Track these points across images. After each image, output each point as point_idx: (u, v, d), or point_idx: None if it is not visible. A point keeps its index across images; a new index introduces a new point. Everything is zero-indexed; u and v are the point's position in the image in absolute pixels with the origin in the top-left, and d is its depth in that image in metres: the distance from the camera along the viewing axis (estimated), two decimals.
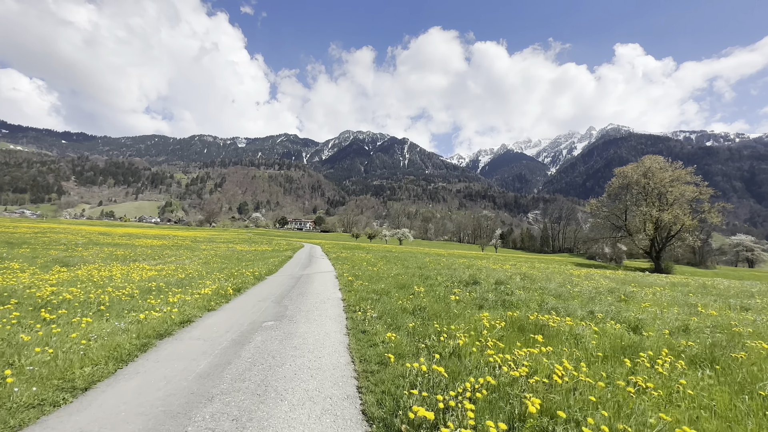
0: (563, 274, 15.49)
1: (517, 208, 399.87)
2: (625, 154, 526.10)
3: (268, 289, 9.72)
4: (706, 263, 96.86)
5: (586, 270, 22.52)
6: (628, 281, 13.91)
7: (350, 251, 32.93)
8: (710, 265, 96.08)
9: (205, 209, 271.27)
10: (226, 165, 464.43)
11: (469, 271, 13.50)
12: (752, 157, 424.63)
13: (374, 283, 10.56)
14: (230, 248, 32.55)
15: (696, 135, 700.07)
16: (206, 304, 7.10)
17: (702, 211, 50.87)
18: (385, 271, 13.74)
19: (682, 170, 52.81)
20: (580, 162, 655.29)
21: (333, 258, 23.13)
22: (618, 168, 59.17)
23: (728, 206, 50.35)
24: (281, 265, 17.54)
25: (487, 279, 10.34)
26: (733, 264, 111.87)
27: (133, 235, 45.23)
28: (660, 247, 53.25)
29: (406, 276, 11.77)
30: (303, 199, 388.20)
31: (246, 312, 6.82)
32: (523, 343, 4.47)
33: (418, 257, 25.11)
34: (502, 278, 10.52)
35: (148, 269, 13.94)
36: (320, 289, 10.03)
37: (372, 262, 18.91)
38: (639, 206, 54.02)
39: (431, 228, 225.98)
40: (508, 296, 7.89)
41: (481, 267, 17.68)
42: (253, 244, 44.38)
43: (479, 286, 9.55)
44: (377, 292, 9.07)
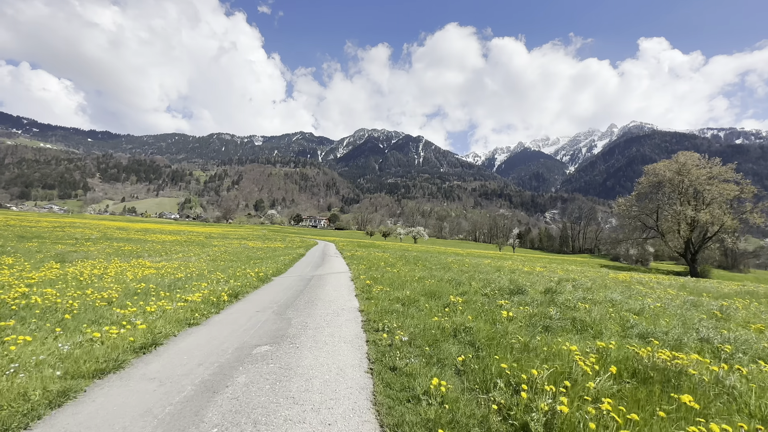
0: (612, 280, 13.47)
1: (534, 208, 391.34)
2: (649, 152, 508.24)
3: (271, 295, 8.18)
4: (739, 266, 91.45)
5: (626, 274, 20.27)
6: (694, 290, 11.82)
7: (365, 249, 31.39)
8: (743, 269, 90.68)
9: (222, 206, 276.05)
10: (243, 163, 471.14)
11: (504, 275, 11.70)
12: None
13: (397, 288, 8.89)
14: (242, 245, 31.54)
15: (725, 132, 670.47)
16: (189, 317, 5.58)
17: (744, 211, 47.22)
18: (407, 274, 12.06)
19: (722, 167, 49.12)
20: (601, 160, 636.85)
21: (347, 257, 21.60)
22: (648, 165, 55.66)
23: None
24: (291, 264, 16.08)
25: (533, 286, 8.55)
26: (766, 267, 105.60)
27: (150, 230, 45.05)
28: (696, 249, 49.73)
29: (433, 281, 10.05)
30: (318, 196, 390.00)
31: (236, 329, 5.25)
32: (659, 406, 2.74)
33: (439, 257, 23.30)
34: (551, 286, 8.72)
35: (149, 266, 12.74)
36: (333, 296, 8.43)
37: (390, 263, 17.25)
38: (672, 205, 50.62)
39: (446, 227, 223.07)
40: (572, 311, 6.10)
41: (513, 269, 15.80)
42: (267, 240, 43.46)
43: (526, 295, 7.77)
44: (402, 301, 7.42)
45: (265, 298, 7.67)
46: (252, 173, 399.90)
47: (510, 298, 7.53)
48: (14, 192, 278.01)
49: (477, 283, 9.46)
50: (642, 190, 53.97)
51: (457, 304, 6.79)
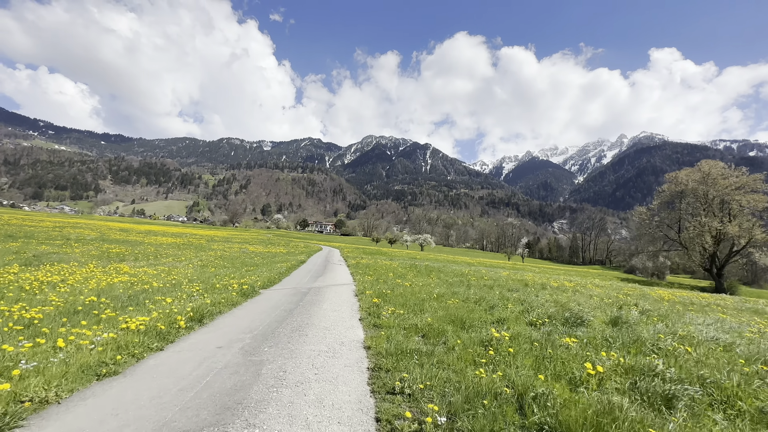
0: (661, 300, 11.32)
1: (542, 217, 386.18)
2: (659, 163, 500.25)
3: (250, 317, 6.27)
4: (760, 282, 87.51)
5: (664, 291, 18.01)
6: (754, 310, 9.64)
7: (371, 257, 29.43)
8: (763, 285, 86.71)
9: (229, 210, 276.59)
10: (252, 167, 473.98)
11: (538, 293, 9.67)
12: None
13: (413, 311, 6.93)
14: (242, 249, 29.88)
15: (738, 144, 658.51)
16: (106, 361, 3.69)
17: None
18: (422, 289, 10.07)
19: (749, 176, 46.37)
20: (610, 171, 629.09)
21: (352, 265, 19.65)
22: (670, 173, 53.03)
23: None
24: (288, 273, 14.19)
25: (590, 313, 6.51)
26: None
27: (152, 232, 43.85)
28: (722, 264, 46.81)
29: (456, 299, 8.05)
30: (324, 202, 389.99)
31: (166, 387, 3.32)
32: None
33: (453, 267, 21.24)
34: (614, 313, 6.64)
35: (124, 273, 11.07)
36: (331, 320, 6.48)
37: (400, 273, 15.26)
38: (696, 217, 47.89)
39: (453, 234, 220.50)
40: (681, 361, 4.08)
41: (540, 284, 13.70)
42: (269, 245, 41.81)
43: (588, 327, 5.75)
44: (422, 331, 5.47)
45: (240, 324, 5.75)
46: (260, 178, 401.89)
47: (570, 330, 5.52)
48: (28, 192, 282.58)
49: (514, 305, 7.45)
50: (664, 199, 51.26)
51: (501, 341, 4.80)
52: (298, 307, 7.43)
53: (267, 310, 6.87)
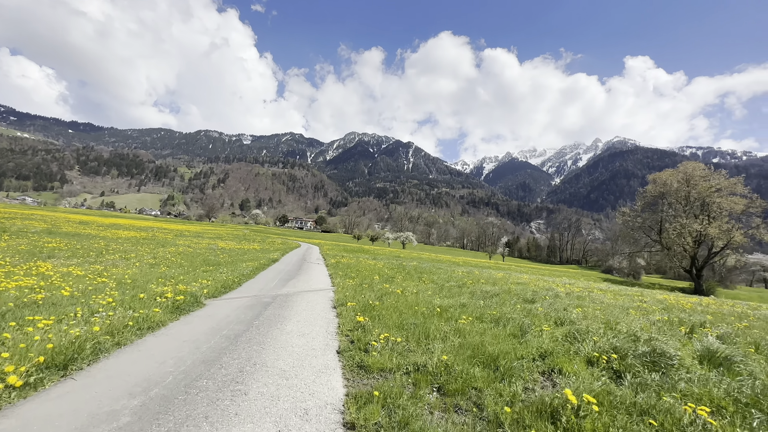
0: (669, 306, 9.72)
1: (521, 217, 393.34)
2: (631, 167, 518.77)
3: (166, 352, 4.02)
4: (726, 282, 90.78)
5: (667, 295, 16.69)
6: None
7: (353, 255, 27.22)
8: (730, 285, 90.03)
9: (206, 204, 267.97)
10: (230, 161, 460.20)
11: (560, 303, 7.81)
12: (759, 176, 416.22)
13: (414, 337, 4.85)
14: (211, 245, 27.10)
15: (703, 151, 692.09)
16: None
17: (752, 226, 44.90)
18: (417, 298, 8.02)
19: (730, 179, 46.88)
20: (585, 173, 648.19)
21: (331, 264, 17.40)
22: (653, 174, 53.21)
23: None
24: (254, 275, 11.83)
25: (669, 342, 4.56)
26: (749, 284, 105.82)
27: (117, 225, 40.20)
28: (702, 265, 47.21)
29: (468, 318, 6.00)
30: (305, 198, 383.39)
31: None
32: None
33: (444, 268, 19.34)
34: (700, 345, 4.69)
35: (38, 274, 8.54)
36: (293, 357, 4.28)
37: (387, 275, 13.17)
38: (677, 218, 48.08)
39: (434, 233, 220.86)
40: None
41: (544, 288, 11.90)
42: (243, 241, 38.95)
43: (677, 370, 3.85)
44: (440, 383, 3.43)
45: (137, 370, 3.47)
46: (239, 172, 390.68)
47: (664, 380, 3.59)
48: None
49: (548, 325, 5.49)
50: (647, 200, 51.34)
51: (575, 409, 2.78)
52: (250, 329, 5.19)
53: (199, 338, 4.62)
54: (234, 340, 4.59)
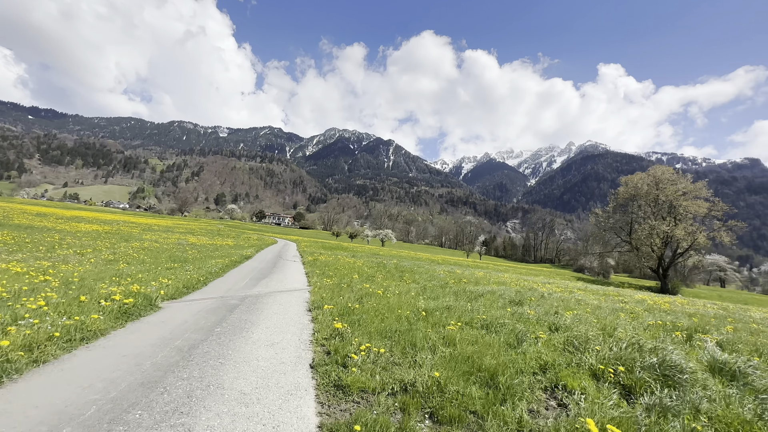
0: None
1: (497, 216, 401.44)
2: (602, 170, 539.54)
3: (96, 372, 3.25)
4: (687, 282, 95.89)
5: (634, 293, 16.98)
6: None
7: (331, 252, 26.46)
8: (690, 284, 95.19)
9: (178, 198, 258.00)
10: (206, 154, 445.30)
11: (550, 305, 7.47)
12: (716, 181, 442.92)
13: (399, 347, 4.30)
14: (181, 240, 25.70)
15: (667, 157, 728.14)
16: None
17: (714, 228, 47.22)
18: (400, 300, 7.48)
19: (695, 184, 49.08)
20: (559, 175, 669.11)
21: (309, 262, 16.63)
22: (625, 177, 55.04)
23: (742, 225, 46.68)
24: (223, 273, 10.95)
25: (675, 351, 4.17)
26: (706, 283, 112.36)
27: (78, 218, 37.69)
28: (668, 265, 49.26)
29: (457, 324, 5.50)
30: (284, 194, 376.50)
31: None
32: None
33: (424, 267, 18.93)
34: (708, 356, 4.34)
35: None
36: (258, 375, 3.62)
37: (366, 274, 12.58)
38: (647, 220, 49.95)
39: (413, 231, 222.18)
40: None
41: (533, 289, 11.66)
42: (216, 237, 37.39)
43: (694, 382, 3.48)
44: (432, 406, 2.90)
45: (46, 402, 2.66)
46: (214, 165, 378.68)
47: (683, 399, 3.19)
48: None
49: (543, 332, 5.06)
50: (619, 202, 53.08)
51: None
52: (209, 338, 4.48)
53: (144, 351, 3.87)
54: (187, 353, 3.87)
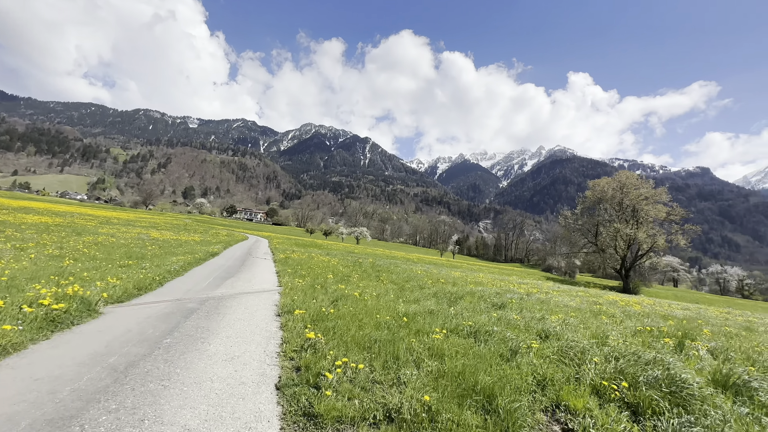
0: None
1: (470, 216, 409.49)
2: (569, 174, 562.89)
3: None
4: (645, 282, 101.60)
5: (604, 294, 17.40)
6: None
7: (305, 250, 25.56)
8: (647, 284, 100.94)
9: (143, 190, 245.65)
10: (174, 145, 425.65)
11: (533, 310, 7.19)
12: (672, 188, 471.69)
13: (380, 361, 3.79)
14: (142, 235, 24.00)
15: (629, 163, 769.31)
16: None
17: (671, 232, 49.97)
18: (379, 303, 6.95)
19: (656, 189, 51.74)
20: (530, 178, 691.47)
21: (280, 260, 15.78)
22: (592, 181, 57.26)
23: (697, 229, 49.70)
24: (184, 271, 10.00)
25: (674, 362, 3.87)
26: (661, 282, 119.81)
27: (27, 209, 34.62)
28: (630, 265, 51.67)
29: (443, 331, 5.05)
30: (256, 188, 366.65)
31: None
32: None
33: (399, 265, 18.53)
34: (718, 368, 4.10)
35: None
36: (210, 401, 2.98)
37: (342, 274, 11.96)
38: (612, 222, 52.15)
39: (388, 229, 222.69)
40: None
41: (511, 291, 11.48)
42: (182, 231, 35.49)
43: (703, 400, 3.18)
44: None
45: None
46: (183, 157, 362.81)
47: (686, 417, 2.86)
48: None
49: (534, 341, 4.69)
50: (587, 205, 55.12)
51: None
52: (155, 352, 3.77)
53: (65, 372, 3.12)
54: (122, 374, 3.16)
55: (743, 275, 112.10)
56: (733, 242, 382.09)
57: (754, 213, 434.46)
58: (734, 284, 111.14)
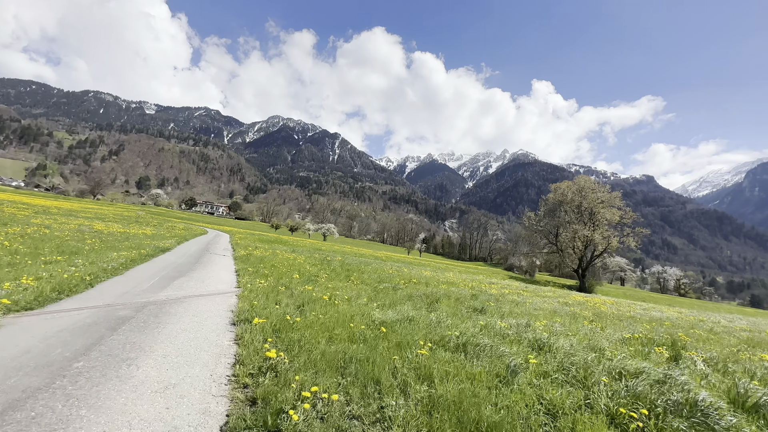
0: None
1: (437, 215, 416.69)
2: (530, 177, 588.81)
3: None
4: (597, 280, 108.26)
5: (571, 294, 17.77)
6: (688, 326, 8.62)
7: (269, 246, 24.19)
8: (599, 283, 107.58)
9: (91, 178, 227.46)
10: (128, 131, 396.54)
11: (512, 314, 6.78)
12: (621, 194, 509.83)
13: (355, 381, 3.07)
14: (82, 227, 21.64)
15: (584, 169, 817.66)
16: None
17: (624, 234, 53.08)
18: (351, 308, 6.24)
19: (611, 194, 54.71)
20: (494, 180, 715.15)
21: (241, 257, 14.54)
22: (554, 184, 59.61)
23: (646, 232, 53.15)
24: (124, 269, 8.67)
25: (688, 380, 3.47)
26: (610, 281, 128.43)
27: None
28: (586, 265, 54.33)
29: (427, 345, 4.41)
30: (219, 181, 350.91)
31: None
32: None
33: (369, 263, 17.83)
34: (726, 383, 3.75)
35: None
36: None
37: (309, 273, 11.07)
38: (571, 224, 54.53)
39: (355, 226, 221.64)
40: None
41: (485, 292, 11.15)
42: (133, 224, 32.72)
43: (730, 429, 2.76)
44: None
45: None
46: (138, 145, 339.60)
47: None
48: None
49: (531, 354, 4.17)
50: (549, 207, 57.31)
51: None
52: (57, 382, 2.81)
53: None
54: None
55: (680, 275, 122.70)
56: (671, 245, 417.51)
57: (689, 219, 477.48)
58: (672, 283, 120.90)
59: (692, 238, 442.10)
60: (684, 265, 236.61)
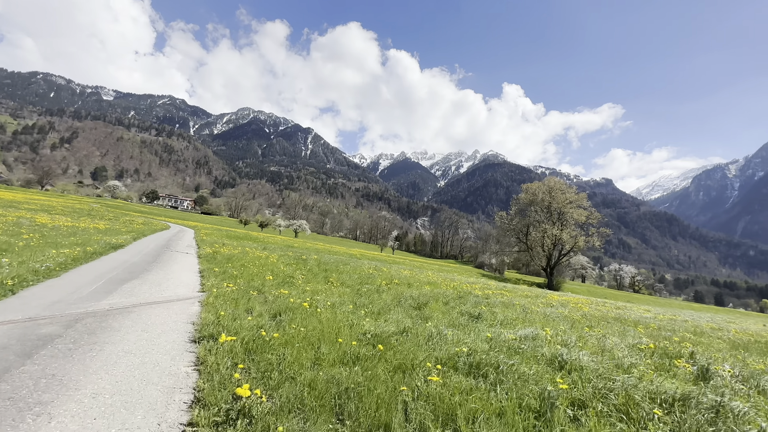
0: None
1: (409, 213, 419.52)
2: (500, 178, 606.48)
3: None
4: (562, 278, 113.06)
5: (549, 294, 17.83)
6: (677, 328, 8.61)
7: (238, 243, 22.69)
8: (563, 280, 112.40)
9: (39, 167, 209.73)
10: (82, 118, 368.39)
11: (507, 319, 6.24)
12: None
13: (356, 426, 2.29)
14: (22, 219, 19.43)
15: (550, 171, 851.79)
16: None
17: (589, 233, 55.24)
18: (333, 314, 5.43)
19: (578, 195, 56.73)
20: (465, 179, 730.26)
21: (206, 256, 13.23)
22: (525, 184, 61.12)
23: (608, 232, 55.62)
24: (62, 270, 7.36)
25: (725, 399, 3.11)
26: (572, 279, 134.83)
27: None
28: (554, 264, 56.08)
29: (436, 368, 3.70)
30: (184, 173, 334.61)
31: None
32: None
33: (347, 262, 16.96)
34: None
35: None
36: None
37: (283, 274, 10.08)
38: (541, 224, 56.07)
39: (328, 223, 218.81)
40: None
41: (471, 293, 10.65)
42: (84, 217, 29.92)
43: None
44: None
45: None
46: (94, 133, 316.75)
47: None
48: None
49: (557, 375, 3.59)
50: (520, 207, 58.66)
51: None
52: None
53: None
54: None
55: (635, 273, 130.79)
56: (626, 244, 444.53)
57: (643, 220, 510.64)
58: (627, 280, 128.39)
59: (645, 238, 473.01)
60: (637, 263, 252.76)
